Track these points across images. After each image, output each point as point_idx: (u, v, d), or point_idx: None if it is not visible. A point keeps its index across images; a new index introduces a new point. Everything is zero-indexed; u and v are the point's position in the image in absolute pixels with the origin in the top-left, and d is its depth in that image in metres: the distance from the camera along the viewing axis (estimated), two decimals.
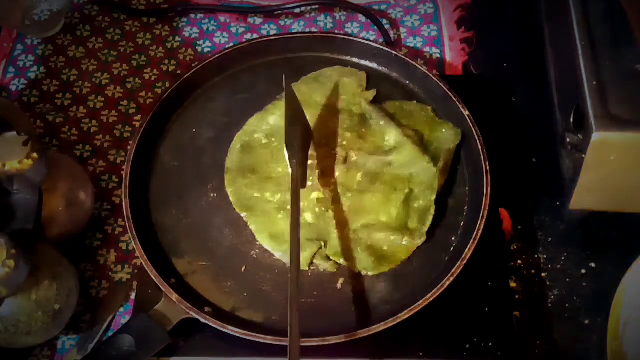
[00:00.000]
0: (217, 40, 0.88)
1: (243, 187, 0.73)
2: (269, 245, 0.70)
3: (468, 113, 0.75)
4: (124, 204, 0.69)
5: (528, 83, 0.83)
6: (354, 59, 0.82)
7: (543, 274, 0.71)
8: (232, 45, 0.82)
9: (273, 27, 0.89)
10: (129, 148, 0.73)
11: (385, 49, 0.81)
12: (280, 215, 0.71)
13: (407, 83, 0.81)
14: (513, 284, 0.70)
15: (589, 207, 0.72)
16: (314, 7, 0.89)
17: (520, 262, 0.71)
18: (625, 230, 0.71)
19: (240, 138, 0.76)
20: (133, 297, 0.69)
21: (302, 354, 0.58)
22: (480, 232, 0.68)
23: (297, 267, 0.62)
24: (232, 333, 0.63)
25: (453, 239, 0.70)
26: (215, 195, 0.73)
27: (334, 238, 0.70)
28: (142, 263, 0.67)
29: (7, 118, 0.71)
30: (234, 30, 0.89)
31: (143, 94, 0.83)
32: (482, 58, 0.86)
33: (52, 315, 0.62)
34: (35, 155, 0.61)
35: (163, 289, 0.65)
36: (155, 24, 0.89)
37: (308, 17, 0.90)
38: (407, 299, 0.66)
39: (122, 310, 0.69)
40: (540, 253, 0.72)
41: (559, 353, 0.66)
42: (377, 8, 0.90)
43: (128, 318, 0.67)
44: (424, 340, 0.66)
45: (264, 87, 0.79)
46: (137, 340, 0.61)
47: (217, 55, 0.80)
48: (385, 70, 0.81)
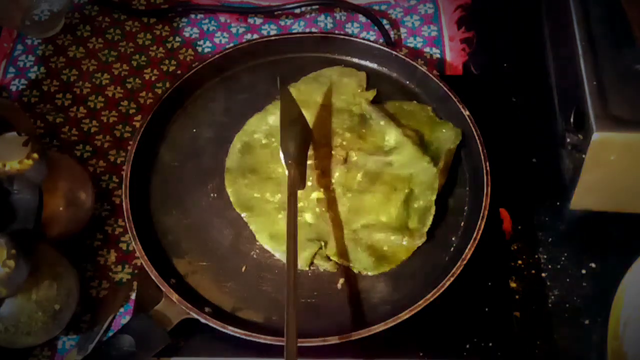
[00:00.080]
0: (217, 40, 0.88)
1: (243, 187, 0.73)
2: (269, 246, 0.70)
3: (468, 113, 0.75)
4: (124, 204, 0.69)
5: (528, 83, 0.83)
6: (354, 59, 0.82)
7: (543, 274, 0.71)
8: (232, 45, 0.82)
9: (273, 27, 0.89)
10: (129, 148, 0.73)
11: (385, 49, 0.81)
12: (280, 215, 0.71)
13: (407, 83, 0.81)
14: (513, 284, 0.70)
15: (589, 207, 0.72)
16: (314, 7, 0.89)
17: (520, 262, 0.71)
18: (625, 230, 0.71)
19: (240, 138, 0.76)
20: (133, 297, 0.69)
21: (302, 354, 0.58)
22: (480, 232, 0.68)
23: (293, 267, 0.62)
24: (232, 333, 0.63)
25: (453, 239, 0.70)
26: (215, 195, 0.73)
27: (334, 238, 0.70)
28: (142, 263, 0.67)
29: (7, 118, 0.71)
30: (234, 30, 0.89)
31: (143, 94, 0.83)
32: (482, 58, 0.86)
33: (52, 315, 0.62)
34: (35, 155, 0.61)
35: (163, 289, 0.65)
36: (155, 24, 0.89)
37: (308, 17, 0.89)
38: (407, 299, 0.66)
39: (122, 310, 0.69)
40: (540, 253, 0.72)
41: (559, 353, 0.66)
42: (377, 8, 0.90)
43: (128, 318, 0.67)
44: (424, 340, 0.66)
45: (264, 87, 0.79)
46: (137, 340, 0.61)
47: (217, 55, 0.80)
48: (385, 70, 0.81)
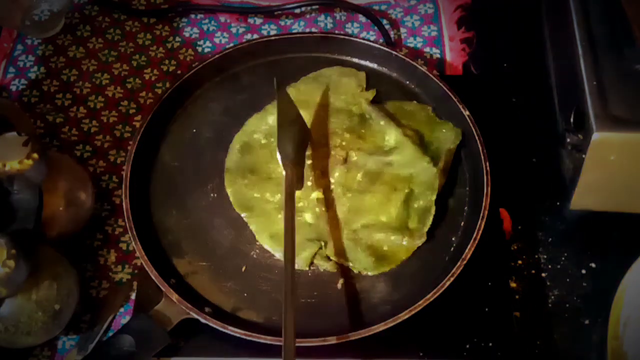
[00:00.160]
0: (217, 40, 0.88)
1: (243, 187, 0.73)
2: (269, 246, 0.70)
3: (468, 113, 0.75)
4: (124, 204, 0.69)
5: (528, 83, 0.83)
6: (354, 59, 0.82)
7: (543, 274, 0.71)
8: (232, 45, 0.82)
9: (273, 27, 0.89)
10: (129, 148, 0.73)
11: (385, 49, 0.81)
12: (280, 216, 0.71)
13: (407, 83, 0.81)
14: (513, 284, 0.70)
15: (589, 207, 0.72)
16: (314, 7, 0.89)
17: (520, 262, 0.71)
18: (625, 230, 0.71)
19: (240, 138, 0.76)
20: (133, 297, 0.69)
21: (302, 354, 0.58)
22: (480, 232, 0.68)
23: (291, 266, 0.62)
24: (232, 333, 0.63)
25: (453, 239, 0.70)
26: (215, 195, 0.73)
27: (334, 238, 0.70)
28: (142, 263, 0.67)
29: (7, 118, 0.71)
30: (234, 30, 0.89)
31: (143, 94, 0.83)
32: (482, 58, 0.86)
33: (52, 315, 0.62)
34: (35, 155, 0.61)
35: (163, 289, 0.65)
36: (155, 24, 0.89)
37: (308, 17, 0.89)
38: (407, 299, 0.65)
39: (122, 310, 0.69)
40: (540, 253, 0.72)
41: (559, 353, 0.66)
42: (377, 8, 0.90)
43: (128, 318, 0.67)
44: (424, 340, 0.66)
45: (264, 87, 0.79)
46: (137, 340, 0.61)
47: (217, 55, 0.80)
48: (385, 70, 0.81)
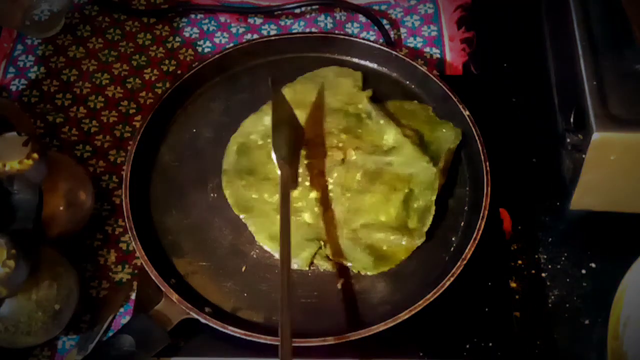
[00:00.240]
0: (217, 40, 0.88)
1: (240, 188, 0.73)
2: (268, 246, 0.70)
3: (468, 113, 0.75)
4: (124, 204, 0.69)
5: (528, 83, 0.83)
6: (354, 59, 0.82)
7: (543, 274, 0.71)
8: (232, 45, 0.82)
9: (273, 27, 0.89)
10: (129, 148, 0.73)
11: (385, 49, 0.81)
12: (279, 216, 0.71)
13: (407, 83, 0.81)
14: (513, 284, 0.70)
15: (589, 207, 0.72)
16: (314, 7, 0.89)
17: (520, 262, 0.71)
18: (625, 230, 0.71)
19: (236, 139, 0.76)
20: (133, 297, 0.69)
21: (302, 354, 0.58)
22: (480, 232, 0.68)
23: (287, 266, 0.62)
24: (232, 333, 0.63)
25: (453, 239, 0.70)
26: (216, 195, 0.73)
27: (334, 238, 0.70)
28: (142, 263, 0.67)
29: (7, 118, 0.71)
30: (234, 30, 0.89)
31: (143, 94, 0.83)
32: (482, 58, 0.86)
33: (52, 315, 0.62)
34: (35, 155, 0.61)
35: (163, 289, 0.65)
36: (155, 24, 0.89)
37: (308, 17, 0.89)
38: (407, 299, 0.65)
39: (122, 310, 0.69)
40: (540, 253, 0.72)
41: (559, 353, 0.66)
42: (377, 8, 0.90)
43: (128, 318, 0.67)
44: (424, 340, 0.66)
45: (264, 87, 0.79)
46: (137, 340, 0.61)
47: (217, 55, 0.80)
48: (385, 70, 0.81)
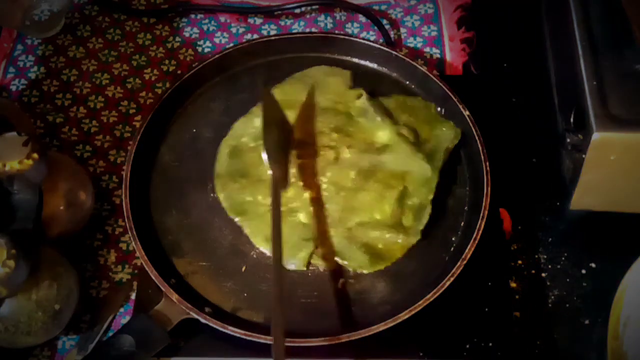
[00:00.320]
0: (217, 40, 0.88)
1: (234, 191, 0.72)
2: (265, 248, 0.69)
3: (468, 113, 0.75)
4: (124, 204, 0.69)
5: (528, 83, 0.83)
6: (354, 59, 0.82)
7: (543, 274, 0.71)
8: (232, 45, 0.82)
9: (273, 27, 0.89)
10: (129, 148, 0.73)
11: (385, 49, 0.80)
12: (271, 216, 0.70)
13: (407, 83, 0.81)
14: (513, 284, 0.70)
15: (589, 207, 0.72)
16: (314, 7, 0.89)
17: (520, 262, 0.71)
18: (625, 230, 0.71)
19: (228, 142, 0.76)
20: (133, 297, 0.69)
21: (301, 354, 0.58)
22: (480, 232, 0.68)
23: (279, 266, 0.62)
24: (232, 333, 0.63)
25: (453, 239, 0.70)
26: (215, 195, 0.73)
27: (329, 237, 0.69)
28: (142, 263, 0.67)
29: (7, 118, 0.71)
30: (234, 30, 0.89)
31: (143, 94, 0.83)
32: (482, 58, 0.86)
33: (52, 315, 0.62)
34: (35, 155, 0.61)
35: (163, 289, 0.65)
36: (155, 24, 0.89)
37: (308, 17, 0.89)
38: (407, 299, 0.65)
39: (122, 310, 0.69)
40: (540, 253, 0.72)
41: (559, 353, 0.66)
42: (377, 8, 0.90)
43: (128, 318, 0.67)
44: (424, 340, 0.66)
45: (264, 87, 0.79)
46: (137, 340, 0.61)
47: (217, 55, 0.80)
48: (385, 70, 0.81)
